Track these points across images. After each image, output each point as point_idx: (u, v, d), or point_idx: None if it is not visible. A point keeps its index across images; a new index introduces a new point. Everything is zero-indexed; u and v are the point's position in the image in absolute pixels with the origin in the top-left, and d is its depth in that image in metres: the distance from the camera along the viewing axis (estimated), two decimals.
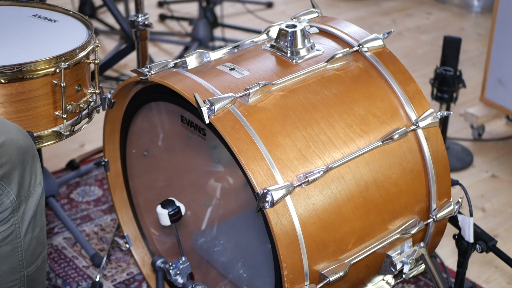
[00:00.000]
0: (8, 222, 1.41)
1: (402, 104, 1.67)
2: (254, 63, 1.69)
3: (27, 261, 1.48)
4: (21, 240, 1.44)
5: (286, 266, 1.47)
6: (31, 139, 1.45)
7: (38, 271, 1.52)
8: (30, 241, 1.47)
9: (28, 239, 1.46)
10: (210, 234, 1.85)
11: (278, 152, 1.50)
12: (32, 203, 1.45)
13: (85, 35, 1.79)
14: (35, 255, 1.50)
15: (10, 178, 1.39)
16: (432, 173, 1.67)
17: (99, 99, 1.83)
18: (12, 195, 1.40)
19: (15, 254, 1.45)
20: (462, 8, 4.32)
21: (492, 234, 2.27)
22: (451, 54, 2.52)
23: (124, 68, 3.34)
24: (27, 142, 1.43)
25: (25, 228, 1.45)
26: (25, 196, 1.43)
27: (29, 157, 1.43)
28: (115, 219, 2.34)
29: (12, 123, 1.44)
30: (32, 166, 1.44)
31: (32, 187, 1.45)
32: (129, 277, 2.12)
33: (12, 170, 1.39)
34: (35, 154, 1.46)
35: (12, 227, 1.42)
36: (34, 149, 1.46)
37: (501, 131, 2.96)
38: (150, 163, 1.91)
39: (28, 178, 1.44)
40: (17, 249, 1.45)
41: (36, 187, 1.46)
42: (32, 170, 1.45)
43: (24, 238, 1.45)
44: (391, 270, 1.67)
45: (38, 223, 1.48)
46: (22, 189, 1.42)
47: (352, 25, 1.82)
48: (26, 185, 1.43)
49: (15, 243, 1.44)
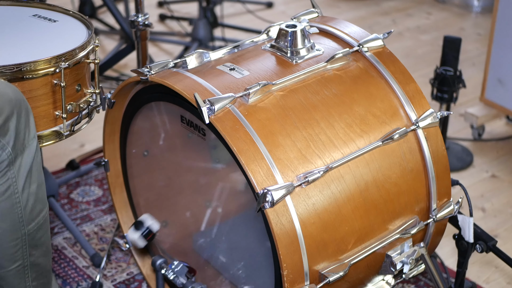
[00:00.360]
0: (4, 175, 1.40)
1: (402, 104, 1.67)
2: (254, 63, 1.69)
3: (27, 218, 1.46)
4: (19, 195, 1.43)
5: (286, 266, 1.47)
6: (20, 92, 1.45)
7: (39, 231, 1.51)
8: (28, 196, 1.45)
9: (26, 194, 1.45)
10: (210, 234, 1.85)
11: (278, 152, 1.50)
12: (28, 157, 1.44)
13: (85, 35, 1.79)
14: (34, 212, 1.48)
15: (4, 130, 1.38)
16: (432, 173, 1.67)
17: (99, 99, 1.83)
18: (8, 147, 1.39)
19: (14, 211, 1.44)
20: (462, 8, 4.32)
21: (492, 234, 2.27)
22: (451, 54, 2.52)
23: (124, 68, 3.34)
24: (17, 95, 1.42)
25: (22, 183, 1.43)
26: (21, 149, 1.42)
27: (22, 109, 1.42)
28: (115, 219, 2.34)
29: (0, 79, 1.44)
30: (26, 118, 1.43)
31: (27, 140, 1.44)
32: (129, 277, 2.12)
33: (5, 122, 1.38)
34: (28, 107, 1.45)
35: (9, 181, 1.41)
36: (25, 102, 1.44)
37: (501, 131, 2.96)
38: (150, 163, 1.91)
39: (22, 130, 1.42)
40: (15, 205, 1.44)
41: (31, 140, 1.45)
42: (26, 123, 1.44)
43: (22, 194, 1.44)
44: (391, 270, 1.67)
45: (35, 178, 1.47)
46: (17, 142, 1.41)
47: (352, 25, 1.82)
48: (21, 138, 1.42)
49: (13, 198, 1.43)
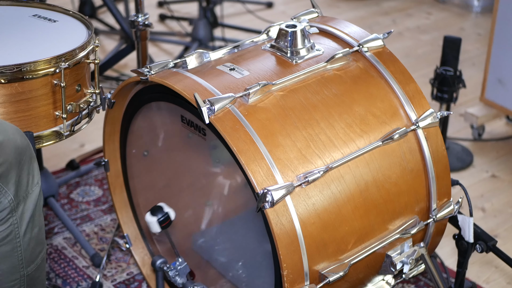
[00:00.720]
0: (7, 222, 1.42)
1: (402, 104, 1.67)
2: (254, 63, 1.69)
3: (26, 261, 1.48)
4: (20, 240, 1.45)
5: (286, 266, 1.47)
6: (27, 139, 1.46)
7: (37, 270, 1.53)
8: (29, 240, 1.47)
9: (27, 238, 1.46)
10: (210, 234, 1.85)
11: (278, 152, 1.50)
12: (31, 203, 1.46)
13: (85, 35, 1.79)
14: (34, 254, 1.50)
15: (8, 178, 1.39)
16: (432, 173, 1.67)
17: (99, 99, 1.83)
18: (10, 195, 1.40)
19: (15, 254, 1.46)
20: (462, 8, 4.32)
21: (492, 234, 2.27)
22: (451, 54, 2.52)
23: (124, 68, 3.34)
24: (23, 142, 1.43)
25: (24, 228, 1.45)
26: (23, 196, 1.44)
27: (26, 157, 1.43)
28: (115, 219, 2.34)
29: (9, 123, 1.45)
30: (29, 166, 1.45)
31: (30, 187, 1.45)
32: (129, 277, 2.12)
33: (9, 170, 1.39)
34: (32, 154, 1.47)
35: (11, 227, 1.43)
36: (31, 149, 1.46)
37: (501, 131, 2.96)
38: (150, 163, 1.91)
39: (25, 178, 1.44)
40: (16, 249, 1.45)
41: (34, 187, 1.46)
42: (30, 170, 1.45)
43: (23, 238, 1.45)
44: (391, 270, 1.67)
45: (36, 223, 1.49)
46: (20, 189, 1.42)
47: (352, 25, 1.82)
48: (23, 185, 1.44)
49: (14, 243, 1.45)
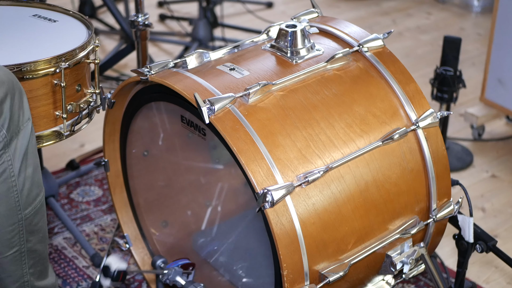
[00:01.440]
0: (0, 158, 1.40)
1: (402, 104, 1.68)
2: (254, 63, 1.69)
3: (23, 203, 1.46)
4: (15, 179, 1.43)
5: (286, 266, 1.47)
6: (14, 75, 1.44)
7: (36, 215, 1.50)
8: (24, 180, 1.45)
9: (22, 178, 1.44)
10: (210, 234, 1.85)
11: (278, 152, 1.50)
12: (23, 139, 1.44)
13: (85, 35, 1.79)
14: (31, 196, 1.48)
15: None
16: (432, 173, 1.67)
17: (99, 99, 1.83)
18: (2, 130, 1.39)
19: (11, 195, 1.43)
20: (462, 8, 4.32)
21: (492, 234, 2.27)
22: (451, 54, 2.52)
23: (124, 68, 3.34)
24: (9, 76, 1.41)
25: (18, 166, 1.43)
26: (15, 132, 1.42)
27: (15, 91, 1.42)
28: (115, 219, 2.34)
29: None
30: (19, 100, 1.43)
31: (21, 123, 1.44)
32: (129, 277, 2.12)
33: (0, 104, 1.37)
34: (21, 88, 1.45)
35: (4, 164, 1.41)
36: (18, 83, 1.44)
37: (501, 131, 2.96)
38: (150, 163, 1.91)
39: (16, 113, 1.42)
40: (12, 189, 1.43)
41: (25, 123, 1.45)
42: (20, 105, 1.43)
43: (18, 177, 1.43)
44: (391, 270, 1.67)
45: (30, 161, 1.46)
46: (12, 124, 1.40)
47: (352, 25, 1.82)
48: (15, 120, 1.41)
49: (9, 182, 1.42)
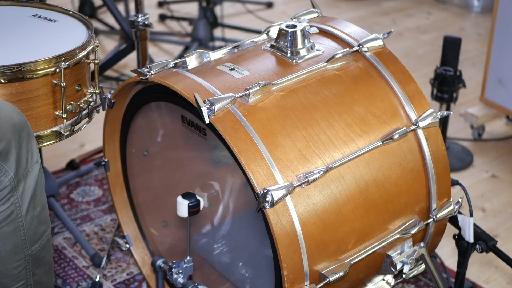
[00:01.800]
0: (8, 201, 1.40)
1: (402, 104, 1.68)
2: (254, 63, 1.69)
3: (30, 240, 1.46)
4: (22, 219, 1.43)
5: (286, 266, 1.47)
6: (24, 116, 1.44)
7: (43, 250, 1.51)
8: (32, 219, 1.45)
9: (29, 217, 1.45)
10: (211, 234, 1.85)
11: (278, 152, 1.50)
12: (31, 181, 1.44)
13: (85, 35, 1.79)
14: (38, 233, 1.48)
15: (7, 156, 1.38)
16: (432, 173, 1.67)
17: (99, 99, 1.83)
18: (10, 173, 1.39)
19: (18, 234, 1.44)
20: (462, 8, 4.32)
21: (492, 234, 2.27)
22: (451, 54, 2.52)
23: (124, 68, 3.34)
24: (21, 119, 1.42)
25: (26, 207, 1.43)
26: (23, 174, 1.42)
27: (25, 134, 1.42)
28: (115, 219, 2.34)
29: (4, 101, 1.42)
30: (28, 143, 1.43)
31: (30, 165, 1.44)
32: (129, 277, 2.12)
33: (8, 148, 1.37)
34: (30, 131, 1.45)
35: (12, 206, 1.41)
36: (28, 127, 1.44)
37: (501, 131, 2.96)
38: (150, 163, 1.91)
39: (25, 156, 1.42)
40: (19, 229, 1.43)
41: (34, 165, 1.45)
42: (29, 148, 1.43)
43: (25, 217, 1.44)
44: (391, 270, 1.67)
45: (38, 201, 1.47)
46: (19, 167, 1.41)
47: (352, 25, 1.82)
48: (23, 163, 1.42)
49: (17, 222, 1.43)
